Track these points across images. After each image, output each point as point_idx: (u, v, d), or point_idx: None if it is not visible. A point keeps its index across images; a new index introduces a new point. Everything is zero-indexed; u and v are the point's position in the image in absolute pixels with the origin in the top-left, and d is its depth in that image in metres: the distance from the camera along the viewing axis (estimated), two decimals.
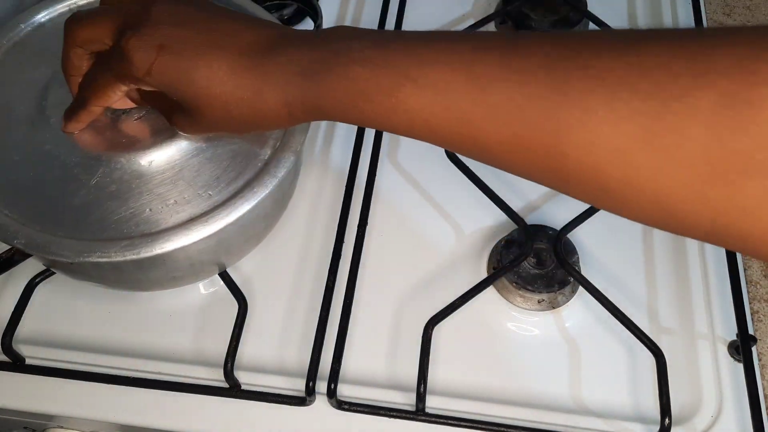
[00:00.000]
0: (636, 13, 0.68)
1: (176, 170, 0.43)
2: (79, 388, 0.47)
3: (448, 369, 0.48)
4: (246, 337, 0.49)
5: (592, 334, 0.50)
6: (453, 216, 0.55)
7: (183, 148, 0.43)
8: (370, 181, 0.54)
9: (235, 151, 0.44)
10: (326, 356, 0.47)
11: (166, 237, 0.41)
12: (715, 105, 0.24)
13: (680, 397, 0.47)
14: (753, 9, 0.69)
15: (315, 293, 0.51)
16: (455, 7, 0.69)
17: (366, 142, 0.56)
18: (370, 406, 0.46)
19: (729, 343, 0.49)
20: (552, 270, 0.50)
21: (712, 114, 0.24)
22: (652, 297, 0.51)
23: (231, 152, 0.44)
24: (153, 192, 0.42)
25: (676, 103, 0.24)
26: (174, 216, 0.42)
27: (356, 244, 0.51)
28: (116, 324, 0.50)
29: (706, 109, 0.24)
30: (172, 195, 0.42)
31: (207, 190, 0.42)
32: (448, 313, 0.48)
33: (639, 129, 0.25)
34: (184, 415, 0.46)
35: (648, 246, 0.53)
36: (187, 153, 0.43)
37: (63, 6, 0.50)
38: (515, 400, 0.47)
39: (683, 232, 0.27)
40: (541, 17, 0.65)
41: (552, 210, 0.55)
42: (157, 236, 0.41)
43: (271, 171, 0.43)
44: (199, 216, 0.41)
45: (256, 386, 0.47)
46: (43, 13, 0.50)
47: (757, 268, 0.53)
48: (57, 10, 0.50)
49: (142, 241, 0.40)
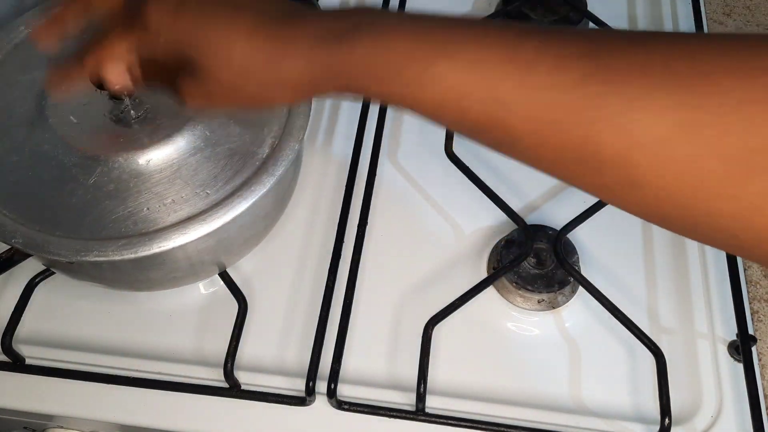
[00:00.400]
0: (636, 13, 0.68)
1: (174, 169, 0.43)
2: (79, 388, 0.47)
3: (448, 369, 0.48)
4: (246, 337, 0.49)
5: (592, 334, 0.50)
6: (453, 216, 0.55)
7: (181, 147, 0.43)
8: (370, 180, 0.54)
9: (233, 150, 0.44)
10: (326, 356, 0.46)
11: (164, 236, 0.41)
12: (757, 100, 0.24)
13: (680, 397, 0.47)
14: (753, 9, 0.69)
15: (315, 293, 0.51)
16: (455, 6, 0.69)
17: (366, 142, 0.56)
18: (370, 406, 0.46)
19: (729, 343, 0.49)
20: (552, 270, 0.50)
21: (754, 108, 0.24)
22: (652, 297, 0.51)
23: (229, 151, 0.44)
24: (151, 191, 0.42)
25: (719, 97, 0.24)
26: (172, 215, 0.42)
27: (356, 243, 0.51)
28: (116, 324, 0.50)
29: (749, 103, 0.24)
30: (169, 194, 0.42)
31: (205, 189, 0.42)
32: (448, 313, 0.47)
33: (681, 119, 0.25)
34: (184, 415, 0.46)
35: (648, 246, 0.53)
36: (185, 152, 0.43)
37: None
38: (515, 400, 0.47)
39: (708, 234, 0.27)
40: (541, 17, 0.65)
41: (552, 210, 0.55)
42: (154, 235, 0.41)
43: (270, 170, 0.43)
44: (197, 215, 0.41)
45: (256, 386, 0.47)
46: (43, 15, 0.50)
47: (757, 268, 0.53)
48: None
49: (140, 240, 0.40)
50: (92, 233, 0.41)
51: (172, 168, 0.43)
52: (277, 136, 0.45)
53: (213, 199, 0.42)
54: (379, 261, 0.53)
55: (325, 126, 0.60)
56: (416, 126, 0.60)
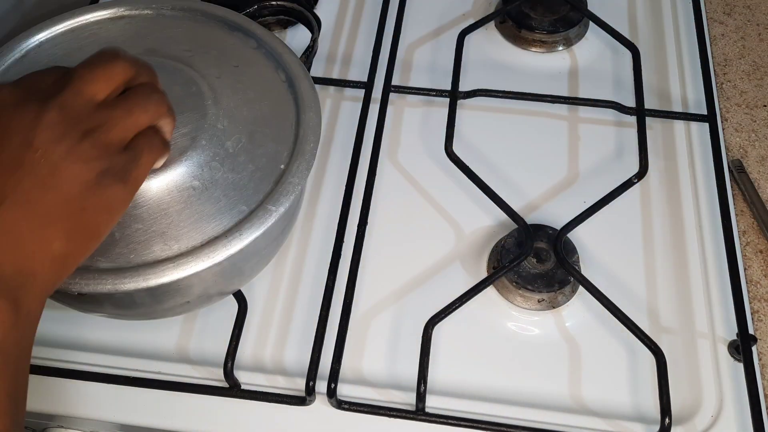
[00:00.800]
0: (636, 13, 0.68)
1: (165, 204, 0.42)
2: (79, 388, 0.47)
3: (448, 369, 0.48)
4: (246, 337, 0.49)
5: (592, 334, 0.50)
6: (453, 216, 0.55)
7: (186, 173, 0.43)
8: (370, 181, 0.54)
9: (236, 183, 0.43)
10: (326, 356, 0.46)
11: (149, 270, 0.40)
12: None
13: (680, 397, 0.47)
14: (753, 8, 0.69)
15: (315, 293, 0.51)
16: (455, 6, 0.69)
17: (366, 142, 0.56)
18: (370, 406, 0.46)
19: (729, 342, 0.49)
20: (552, 269, 0.50)
21: None
22: (652, 297, 0.51)
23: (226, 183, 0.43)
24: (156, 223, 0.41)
25: None
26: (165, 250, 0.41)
27: (356, 243, 0.51)
28: (116, 324, 0.50)
29: None
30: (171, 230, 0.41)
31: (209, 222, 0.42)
32: (448, 312, 0.47)
33: None
34: (184, 415, 0.46)
35: (648, 246, 0.53)
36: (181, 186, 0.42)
37: (62, 27, 0.50)
38: (515, 399, 0.47)
39: None
40: (541, 17, 0.65)
41: (552, 209, 0.55)
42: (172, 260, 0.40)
43: (274, 200, 0.43)
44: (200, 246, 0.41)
45: (256, 386, 0.47)
46: (43, 33, 0.50)
47: (757, 267, 0.53)
48: (56, 30, 0.50)
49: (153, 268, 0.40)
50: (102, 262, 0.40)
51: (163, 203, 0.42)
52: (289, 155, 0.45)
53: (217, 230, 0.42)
54: (379, 261, 0.53)
55: (325, 126, 0.60)
56: (416, 126, 0.60)
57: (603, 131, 0.60)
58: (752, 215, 0.56)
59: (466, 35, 0.63)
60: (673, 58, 0.64)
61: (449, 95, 0.59)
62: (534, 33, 0.64)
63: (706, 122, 0.58)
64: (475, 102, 0.61)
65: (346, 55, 0.65)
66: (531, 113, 0.61)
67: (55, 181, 0.33)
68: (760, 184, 0.57)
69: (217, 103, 0.45)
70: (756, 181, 0.57)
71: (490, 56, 0.65)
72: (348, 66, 0.64)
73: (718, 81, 0.64)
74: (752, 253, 0.54)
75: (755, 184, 0.57)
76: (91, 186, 0.34)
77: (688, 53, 0.64)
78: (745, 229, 0.55)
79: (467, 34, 0.63)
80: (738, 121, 0.61)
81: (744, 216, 0.56)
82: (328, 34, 0.67)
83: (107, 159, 0.34)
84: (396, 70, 0.62)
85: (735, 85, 0.64)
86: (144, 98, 0.37)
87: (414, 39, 0.66)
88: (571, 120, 0.61)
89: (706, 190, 0.55)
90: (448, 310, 0.48)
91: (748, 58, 0.65)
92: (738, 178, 0.57)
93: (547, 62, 0.65)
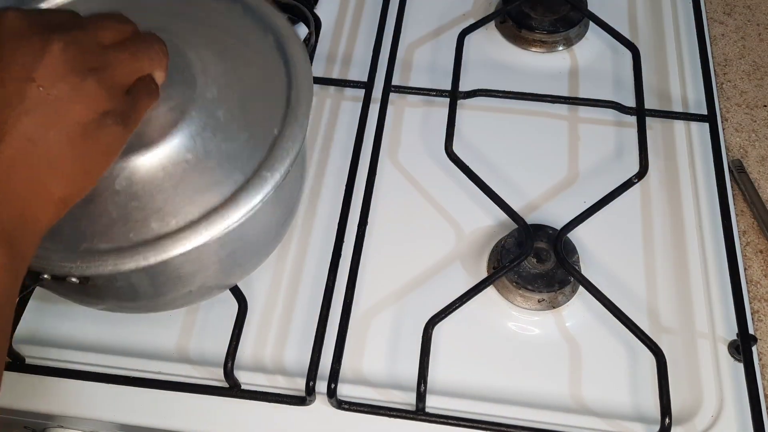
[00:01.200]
0: (636, 13, 0.68)
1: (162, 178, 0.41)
2: (79, 388, 0.47)
3: (448, 369, 0.48)
4: (246, 337, 0.49)
5: (593, 334, 0.50)
6: (453, 216, 0.55)
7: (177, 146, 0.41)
8: (370, 181, 0.54)
9: (229, 153, 0.42)
10: (326, 356, 0.46)
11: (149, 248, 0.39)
12: None
13: (680, 397, 0.47)
14: (753, 8, 0.69)
15: (315, 293, 0.51)
16: (455, 6, 0.69)
17: (366, 142, 0.56)
18: (370, 406, 0.46)
19: (729, 342, 0.49)
20: (552, 269, 0.50)
21: None
22: (652, 297, 0.51)
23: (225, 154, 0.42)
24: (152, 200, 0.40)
25: None
26: (164, 227, 0.40)
27: (356, 243, 0.51)
28: (116, 324, 0.50)
29: None
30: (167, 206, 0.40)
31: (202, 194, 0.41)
32: (448, 312, 0.47)
33: None
34: (184, 415, 0.46)
35: (648, 246, 0.53)
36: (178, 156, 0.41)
37: (45, 4, 0.48)
38: (515, 399, 0.47)
39: None
40: (541, 17, 0.65)
41: (552, 209, 0.55)
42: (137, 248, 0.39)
43: (270, 166, 0.42)
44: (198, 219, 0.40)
45: (256, 386, 0.47)
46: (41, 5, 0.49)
47: (757, 267, 0.53)
48: (38, 6, 0.49)
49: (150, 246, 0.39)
50: (98, 244, 0.39)
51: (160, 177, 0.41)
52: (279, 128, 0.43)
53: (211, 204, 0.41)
54: (379, 261, 0.53)
55: (325, 127, 0.60)
56: (416, 126, 0.60)
57: (603, 131, 0.60)
58: (752, 215, 0.56)
59: (467, 35, 0.63)
60: (673, 58, 0.64)
61: (449, 95, 0.59)
62: (534, 33, 0.64)
63: (706, 122, 0.58)
64: (475, 102, 0.61)
65: (346, 55, 0.65)
66: (531, 113, 0.61)
67: (57, 120, 0.32)
68: (760, 184, 0.57)
69: (205, 72, 0.43)
70: (756, 181, 0.57)
71: (490, 56, 0.65)
72: (348, 66, 0.64)
73: (718, 81, 0.64)
74: (752, 253, 0.54)
75: (755, 184, 0.57)
76: (94, 127, 0.33)
77: (688, 53, 0.64)
78: (745, 229, 0.55)
79: (467, 34, 0.63)
80: (738, 121, 0.61)
81: (744, 216, 0.56)
82: (328, 34, 0.66)
83: (111, 100, 0.34)
84: (396, 70, 0.62)
85: (735, 85, 0.64)
86: (148, 45, 0.37)
87: (414, 39, 0.66)
88: (571, 120, 0.61)
89: (706, 190, 0.55)
90: (448, 310, 0.48)
91: (748, 58, 0.65)
92: (738, 178, 0.57)
93: (547, 62, 0.65)
